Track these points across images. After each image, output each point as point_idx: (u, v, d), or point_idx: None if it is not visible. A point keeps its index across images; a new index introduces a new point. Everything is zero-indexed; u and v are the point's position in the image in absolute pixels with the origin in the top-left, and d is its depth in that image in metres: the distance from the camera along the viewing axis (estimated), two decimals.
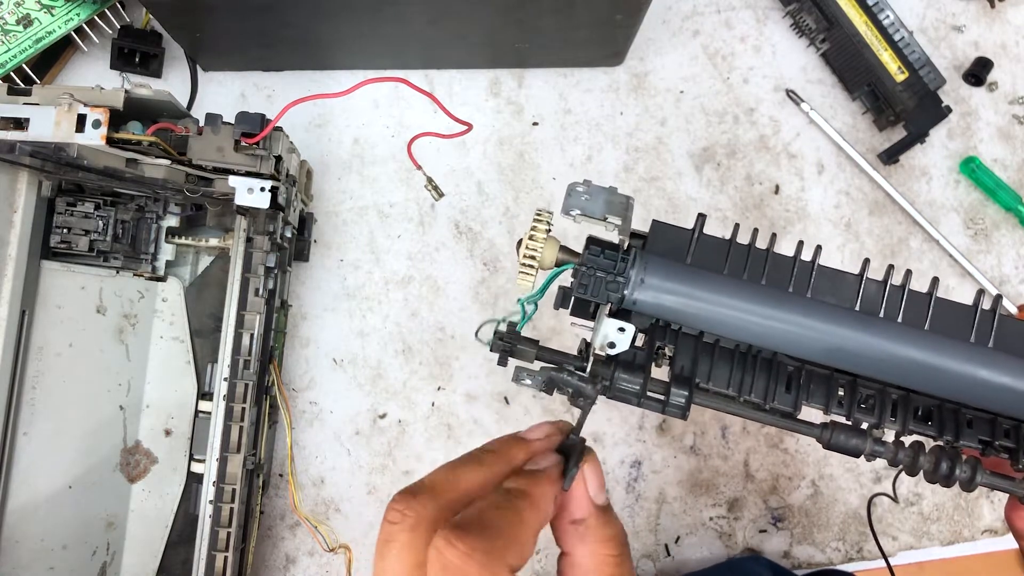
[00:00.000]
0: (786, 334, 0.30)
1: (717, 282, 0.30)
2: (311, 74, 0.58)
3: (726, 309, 0.30)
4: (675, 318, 0.30)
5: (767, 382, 0.30)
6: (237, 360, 0.48)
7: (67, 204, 0.50)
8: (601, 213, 0.31)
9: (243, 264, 0.49)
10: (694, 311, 0.30)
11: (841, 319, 0.30)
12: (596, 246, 0.31)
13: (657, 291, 0.30)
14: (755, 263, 0.31)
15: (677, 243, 0.32)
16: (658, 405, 0.30)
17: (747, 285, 0.30)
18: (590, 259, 0.31)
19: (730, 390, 0.30)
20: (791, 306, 0.30)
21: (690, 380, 0.30)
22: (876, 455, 0.30)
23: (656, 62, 0.60)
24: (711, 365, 0.31)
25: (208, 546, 0.47)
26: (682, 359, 0.31)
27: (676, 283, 0.30)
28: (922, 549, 0.58)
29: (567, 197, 0.31)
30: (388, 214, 0.58)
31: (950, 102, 0.59)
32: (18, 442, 0.48)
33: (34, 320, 0.49)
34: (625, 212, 0.31)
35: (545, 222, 0.32)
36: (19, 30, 0.52)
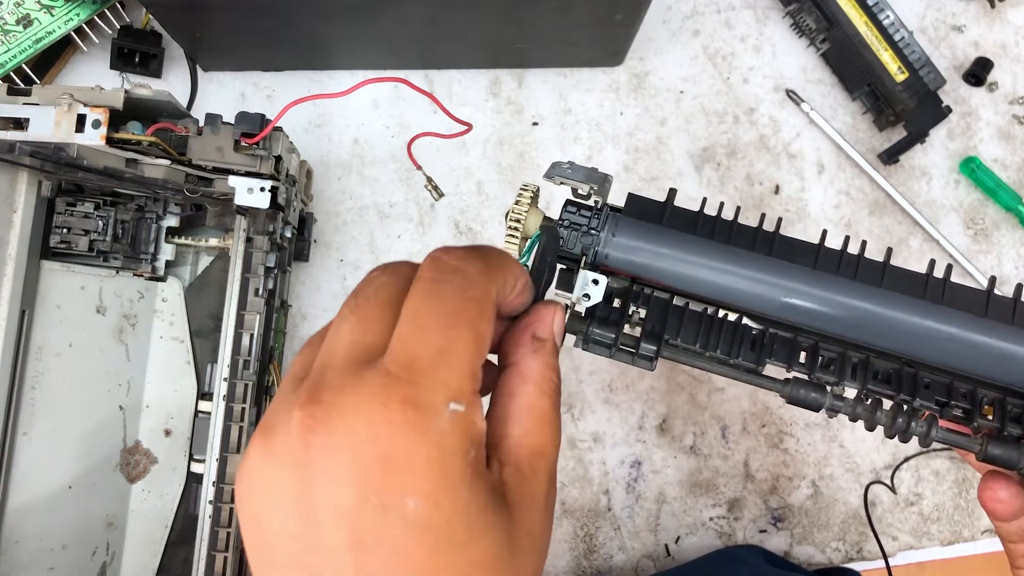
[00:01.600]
0: (744, 287, 0.33)
1: (682, 240, 0.33)
2: (311, 74, 0.58)
3: (688, 263, 0.33)
4: (642, 272, 0.33)
5: (732, 341, 0.33)
6: (237, 360, 0.48)
7: (67, 204, 0.50)
8: (581, 179, 0.34)
9: (243, 264, 0.49)
10: (658, 264, 0.33)
11: (796, 274, 0.33)
12: (572, 205, 0.34)
13: (627, 246, 0.33)
14: (722, 230, 0.34)
15: (648, 211, 0.34)
16: (629, 356, 0.32)
17: (710, 244, 0.33)
18: (567, 215, 0.34)
19: (696, 346, 0.32)
20: (749, 262, 0.33)
21: (659, 335, 0.32)
22: (836, 410, 0.31)
23: (656, 62, 0.60)
24: (680, 325, 0.33)
25: (208, 546, 0.47)
26: (653, 318, 0.33)
27: (643, 240, 0.33)
28: (922, 549, 0.58)
29: (550, 168, 0.34)
30: (388, 214, 0.58)
31: (950, 102, 0.59)
32: (18, 442, 0.48)
33: (34, 320, 0.49)
34: (603, 183, 0.34)
35: (530, 192, 0.34)
36: (19, 30, 0.52)
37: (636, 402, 0.57)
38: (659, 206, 0.34)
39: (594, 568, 0.57)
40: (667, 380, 0.58)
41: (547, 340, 0.30)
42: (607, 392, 0.57)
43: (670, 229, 0.33)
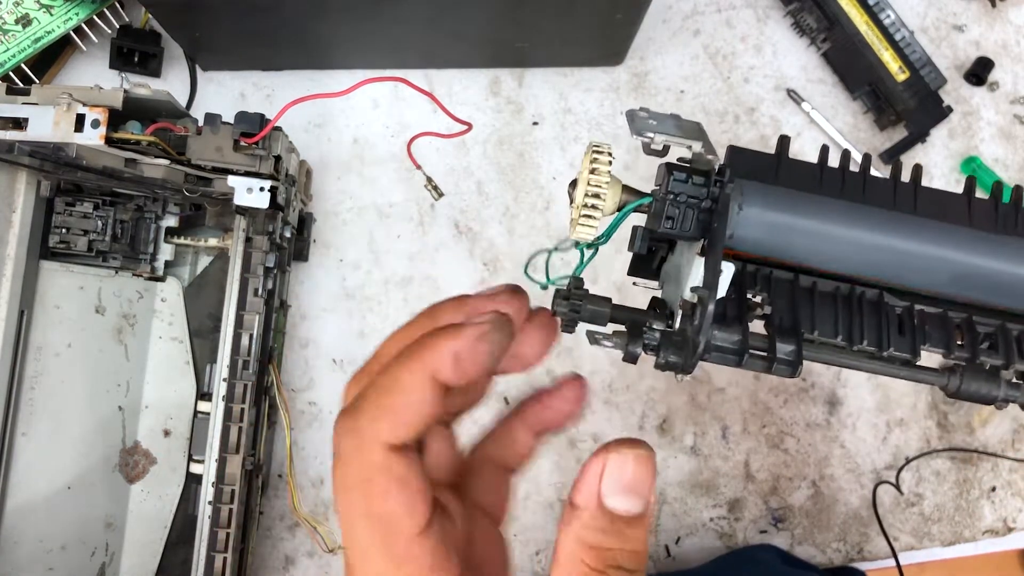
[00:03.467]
0: (907, 261, 0.26)
1: (826, 206, 0.26)
2: (310, 73, 0.58)
3: (841, 236, 0.26)
4: (778, 252, 0.26)
5: (879, 326, 0.26)
6: (236, 360, 0.48)
7: (66, 204, 0.50)
8: (678, 133, 0.26)
9: (242, 264, 0.48)
10: (802, 242, 0.26)
11: (966, 239, 0.27)
12: (680, 171, 0.26)
13: (758, 220, 0.25)
14: (852, 186, 0.28)
15: (757, 169, 0.27)
16: (763, 363, 0.25)
17: (857, 208, 0.26)
18: (676, 185, 0.25)
19: (839, 339, 0.26)
20: (911, 228, 0.26)
21: (795, 330, 0.26)
22: (1011, 400, 0.26)
23: (656, 61, 0.60)
24: (813, 312, 0.26)
25: (207, 547, 0.47)
26: (780, 308, 0.26)
27: (780, 210, 0.25)
28: (923, 550, 0.58)
29: (632, 122, 0.27)
30: (388, 214, 0.57)
31: (951, 102, 0.59)
32: (17, 442, 0.48)
33: (33, 320, 0.48)
34: (703, 134, 0.27)
35: (607, 154, 0.27)
36: (18, 30, 0.52)
37: (636, 402, 0.57)
38: (770, 161, 0.28)
39: None
40: (667, 379, 0.58)
41: (585, 510, 0.23)
42: (607, 392, 0.57)
43: (802, 193, 0.27)
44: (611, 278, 0.57)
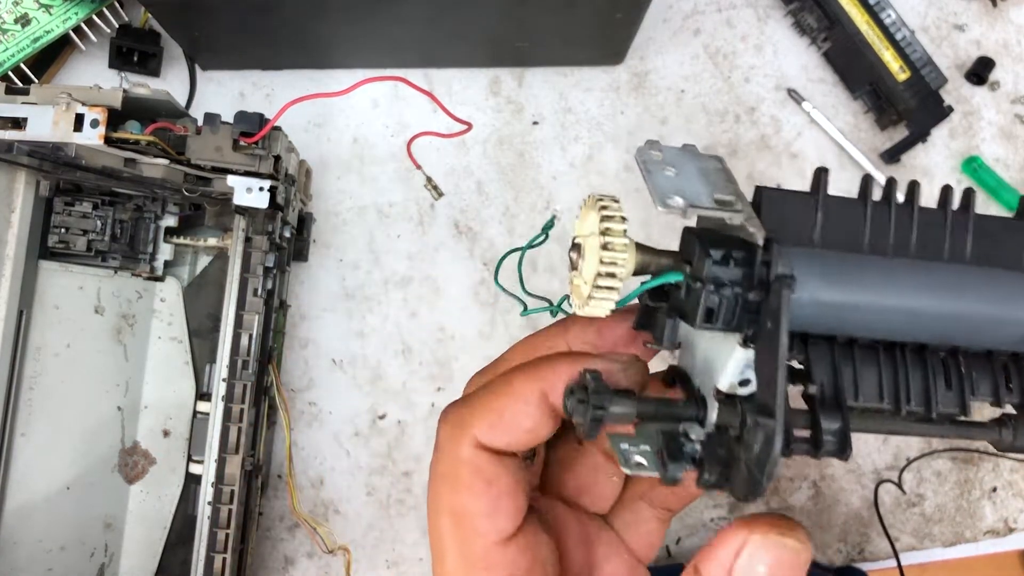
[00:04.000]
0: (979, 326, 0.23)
1: (884, 273, 0.23)
2: (310, 73, 0.58)
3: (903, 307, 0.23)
4: (826, 329, 0.23)
5: (925, 378, 0.23)
6: (236, 361, 0.48)
7: (65, 204, 0.50)
8: (709, 198, 0.22)
9: (242, 264, 0.48)
10: (856, 318, 0.23)
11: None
12: (716, 248, 0.22)
13: (809, 302, 0.22)
14: (899, 227, 0.24)
15: (794, 216, 0.24)
16: (808, 447, 0.22)
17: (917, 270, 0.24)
18: (716, 271, 0.21)
19: (885, 402, 0.23)
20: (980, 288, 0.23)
21: (839, 402, 0.22)
22: None
23: (657, 61, 0.60)
24: (855, 372, 0.23)
25: (207, 547, 0.47)
26: (820, 372, 0.23)
27: (835, 287, 0.22)
28: (924, 550, 0.58)
29: (650, 175, 0.23)
30: (388, 214, 0.57)
31: (952, 101, 0.59)
32: (15, 443, 0.48)
33: (32, 320, 0.48)
34: (734, 187, 0.23)
35: (619, 216, 0.23)
36: (17, 29, 0.52)
37: None
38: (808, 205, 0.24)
39: None
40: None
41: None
42: None
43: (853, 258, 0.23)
44: None
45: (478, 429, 0.24)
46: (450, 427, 0.24)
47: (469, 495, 0.23)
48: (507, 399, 0.23)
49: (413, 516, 0.55)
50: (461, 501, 0.23)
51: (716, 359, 0.23)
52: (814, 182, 0.25)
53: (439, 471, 0.24)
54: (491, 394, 0.24)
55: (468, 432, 0.24)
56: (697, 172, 0.23)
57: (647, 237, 0.58)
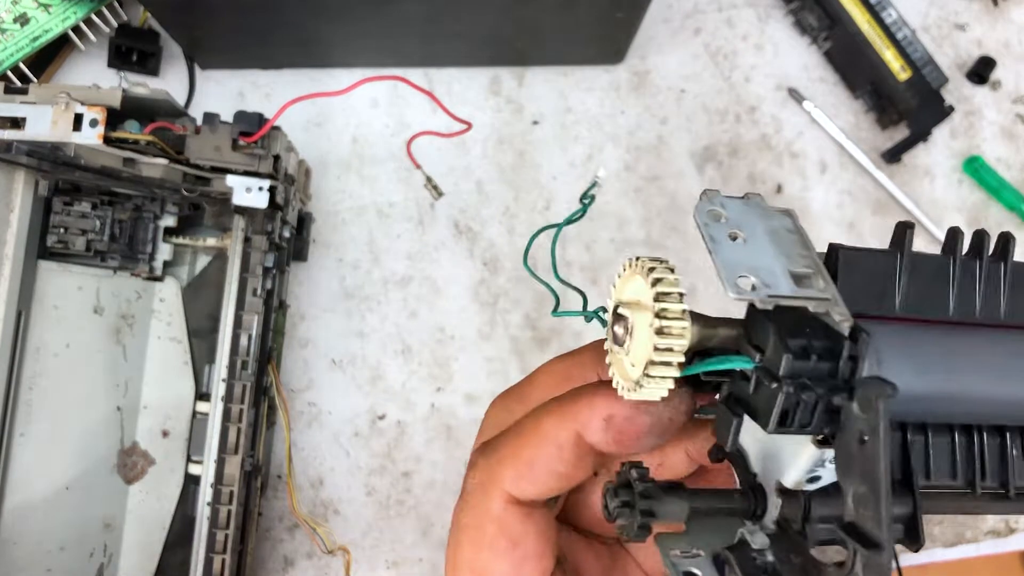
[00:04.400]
0: None
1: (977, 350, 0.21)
2: (310, 72, 0.58)
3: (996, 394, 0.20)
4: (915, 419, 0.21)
5: (1002, 452, 0.21)
6: (235, 361, 0.48)
7: (64, 204, 0.50)
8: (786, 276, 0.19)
9: (241, 264, 0.48)
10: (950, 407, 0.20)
11: None
12: (794, 337, 0.19)
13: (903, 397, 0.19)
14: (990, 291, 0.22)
15: (872, 279, 0.21)
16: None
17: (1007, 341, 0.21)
18: (795, 367, 0.19)
19: (958, 480, 0.21)
20: None
21: (910, 483, 0.20)
22: None
23: (657, 60, 0.60)
24: (926, 447, 0.21)
25: (206, 548, 0.47)
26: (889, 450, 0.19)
27: (930, 374, 0.20)
28: (924, 551, 0.58)
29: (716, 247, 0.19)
30: (387, 213, 0.57)
31: (953, 101, 0.59)
32: (14, 443, 0.48)
33: (31, 321, 0.48)
34: (812, 255, 0.20)
35: (676, 294, 0.19)
36: (16, 28, 0.52)
37: None
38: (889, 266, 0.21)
39: None
40: None
41: None
42: None
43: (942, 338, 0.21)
44: (612, 279, 0.57)
45: (508, 480, 0.22)
46: (479, 474, 0.23)
47: (491, 554, 0.22)
48: (537, 446, 0.22)
49: (413, 517, 0.55)
50: (482, 560, 0.22)
51: (781, 451, 0.20)
52: (896, 237, 0.22)
53: (463, 522, 0.23)
54: (520, 439, 0.22)
55: (498, 485, 0.22)
56: (767, 235, 0.20)
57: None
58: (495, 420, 0.25)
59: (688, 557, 0.21)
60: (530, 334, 0.56)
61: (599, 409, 0.21)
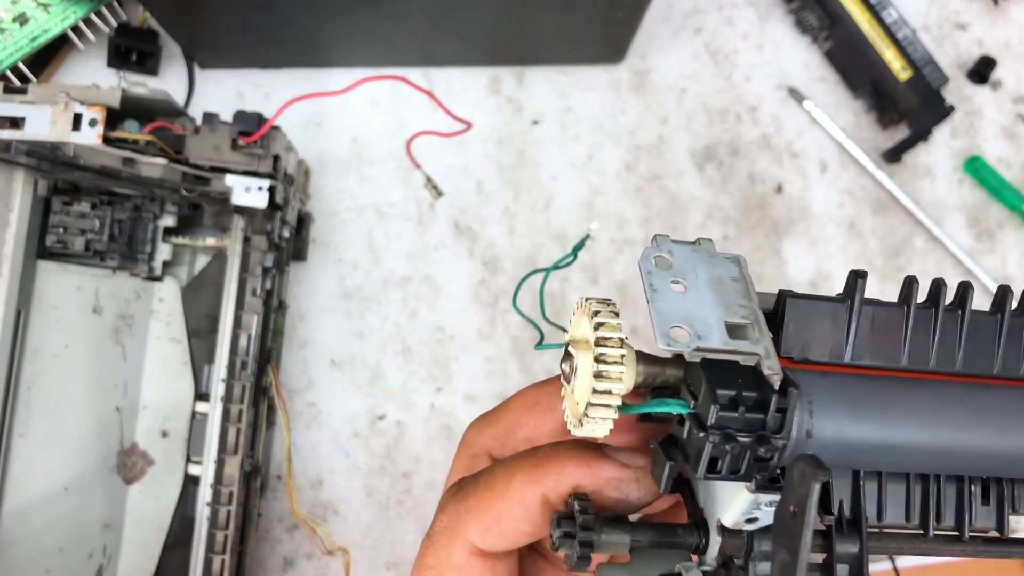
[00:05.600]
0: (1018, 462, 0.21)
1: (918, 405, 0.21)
2: (309, 72, 0.58)
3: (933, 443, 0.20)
4: (854, 466, 0.21)
5: (960, 495, 0.21)
6: (234, 361, 0.47)
7: (63, 203, 0.50)
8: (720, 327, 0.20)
9: (240, 264, 0.48)
10: (888, 458, 0.20)
11: None
12: (724, 387, 0.19)
13: (832, 442, 0.20)
14: (945, 340, 0.22)
15: (822, 326, 0.21)
16: (819, 573, 0.20)
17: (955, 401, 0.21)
18: (722, 419, 0.19)
19: (912, 522, 0.21)
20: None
21: (858, 523, 0.20)
22: None
23: (657, 60, 0.60)
24: (880, 488, 0.21)
25: (205, 548, 0.46)
26: (840, 490, 0.21)
27: (864, 422, 0.20)
28: None
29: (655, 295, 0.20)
30: (387, 213, 0.57)
31: (953, 100, 0.59)
32: (14, 443, 0.48)
33: (30, 320, 0.48)
34: (752, 305, 0.20)
35: (616, 339, 0.20)
36: (15, 28, 0.52)
37: None
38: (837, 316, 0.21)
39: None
40: None
41: None
42: None
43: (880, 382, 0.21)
44: (612, 278, 0.57)
45: (473, 532, 0.22)
46: (446, 520, 0.23)
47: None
48: (505, 503, 0.22)
49: (412, 517, 0.55)
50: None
51: (721, 491, 0.21)
52: (848, 287, 0.22)
53: (427, 562, 0.23)
54: (490, 492, 0.22)
55: (462, 534, 0.22)
56: (709, 284, 0.21)
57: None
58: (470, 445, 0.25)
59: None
60: (530, 334, 0.56)
61: (567, 478, 0.21)
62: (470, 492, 0.23)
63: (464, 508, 0.23)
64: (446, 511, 0.23)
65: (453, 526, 0.23)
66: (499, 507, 0.22)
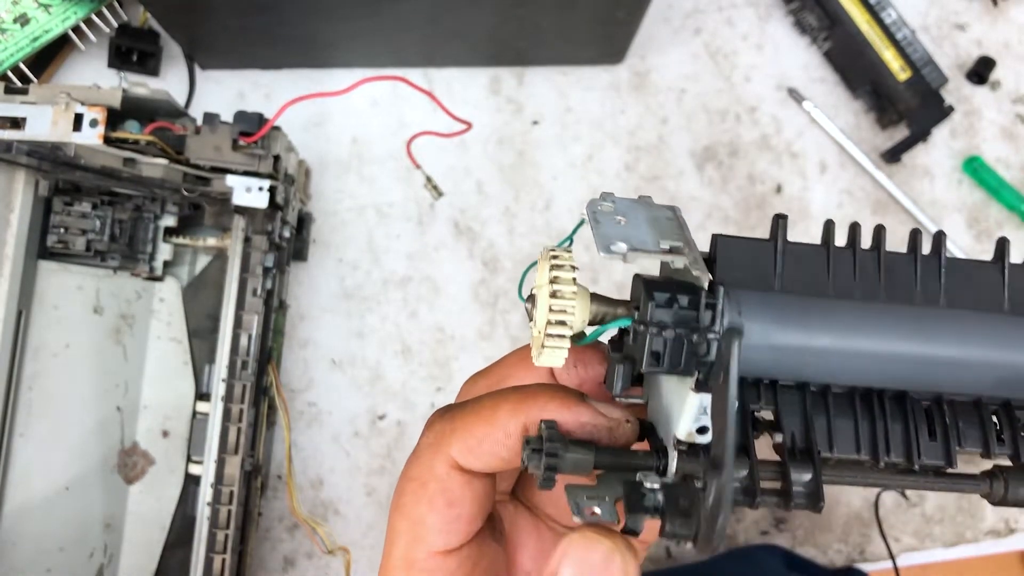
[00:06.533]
0: (943, 370, 0.23)
1: (842, 314, 0.22)
2: (309, 72, 0.58)
3: (862, 350, 0.22)
4: (785, 375, 0.23)
5: (906, 430, 0.22)
6: (235, 361, 0.48)
7: (64, 204, 0.50)
8: (655, 242, 0.22)
9: (241, 264, 0.48)
10: (815, 363, 0.22)
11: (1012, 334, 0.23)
12: (661, 291, 0.21)
13: (762, 344, 0.22)
14: (865, 273, 0.24)
15: (753, 262, 0.23)
16: (778, 499, 0.21)
17: (879, 312, 0.23)
18: (658, 313, 0.21)
19: (862, 454, 0.22)
20: (944, 330, 0.23)
21: (810, 451, 0.22)
22: None
23: (657, 60, 0.60)
24: (829, 423, 0.22)
25: (206, 548, 0.47)
26: (790, 422, 0.22)
27: (788, 328, 0.22)
28: (925, 551, 0.58)
29: (597, 225, 0.22)
30: (387, 213, 0.57)
31: (953, 101, 0.59)
32: (14, 443, 0.48)
33: (31, 320, 0.48)
34: (683, 233, 0.23)
35: (568, 266, 0.23)
36: (16, 28, 0.52)
37: None
38: (766, 251, 0.23)
39: None
40: None
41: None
42: None
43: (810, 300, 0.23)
44: (612, 279, 0.57)
45: (456, 449, 0.24)
46: (432, 437, 0.25)
47: (428, 508, 0.24)
48: (488, 427, 0.24)
49: None
50: (419, 512, 0.24)
51: (673, 406, 0.23)
52: (772, 229, 0.24)
53: (411, 473, 0.25)
54: (476, 416, 0.24)
55: (445, 449, 0.24)
56: (647, 221, 0.23)
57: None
58: (463, 395, 0.27)
59: (592, 500, 0.23)
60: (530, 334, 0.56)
61: (547, 414, 0.23)
62: (457, 415, 0.25)
63: (450, 428, 0.25)
64: (433, 429, 0.25)
65: (438, 442, 0.25)
66: (483, 431, 0.24)
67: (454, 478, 0.24)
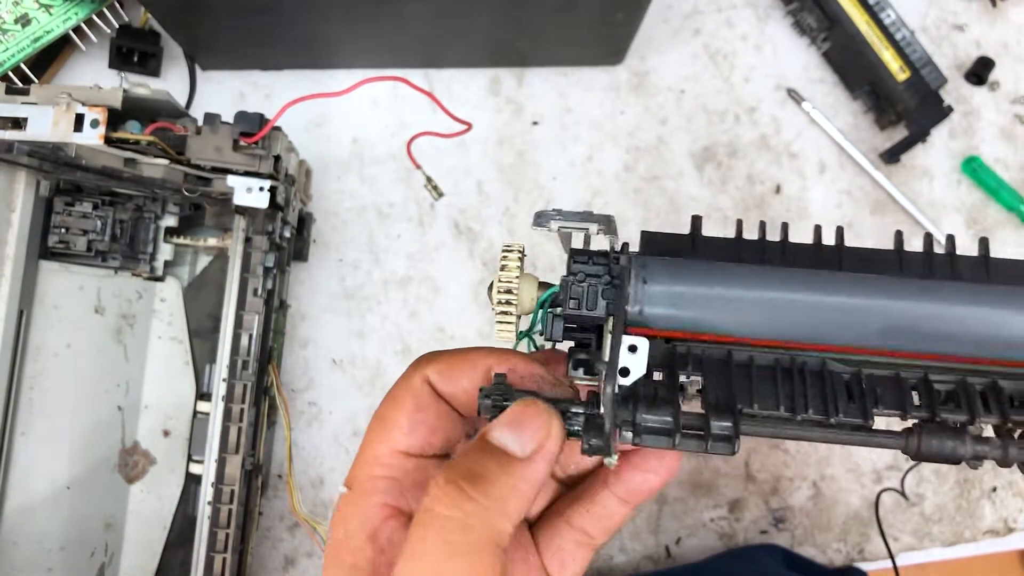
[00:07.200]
0: (831, 319, 0.26)
1: (736, 271, 0.27)
2: (310, 73, 0.58)
3: (753, 299, 0.26)
4: (691, 327, 0.26)
5: (823, 393, 0.25)
6: (236, 361, 0.48)
7: (65, 204, 0.50)
8: (579, 219, 0.27)
9: (241, 264, 0.48)
10: (718, 311, 0.26)
11: (893, 286, 0.26)
12: (581, 253, 0.27)
13: (667, 294, 0.26)
14: (771, 255, 0.28)
15: (670, 247, 0.28)
16: (699, 442, 0.24)
17: (772, 270, 0.27)
18: (576, 267, 0.27)
19: (782, 410, 0.25)
20: (829, 282, 0.26)
21: (731, 406, 0.25)
22: (981, 456, 0.25)
23: (657, 61, 0.60)
24: (751, 387, 0.25)
25: (207, 547, 0.47)
26: (715, 385, 0.26)
27: (688, 282, 0.26)
28: (924, 550, 0.58)
29: (536, 217, 0.27)
30: (387, 214, 0.57)
31: (952, 101, 0.59)
32: (16, 443, 0.48)
33: (32, 320, 0.48)
34: (608, 223, 0.27)
35: (516, 252, 0.28)
36: (17, 29, 0.52)
37: None
38: (685, 240, 0.28)
39: (593, 569, 0.57)
40: None
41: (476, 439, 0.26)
42: None
43: (713, 262, 0.27)
44: None
45: (432, 371, 0.29)
46: (413, 365, 0.30)
47: (395, 407, 0.29)
48: (464, 364, 0.29)
49: None
50: (391, 412, 0.29)
51: (603, 354, 0.27)
52: (692, 225, 0.29)
53: (390, 393, 0.29)
54: (454, 355, 0.29)
55: (423, 370, 0.29)
56: (580, 217, 0.27)
57: None
58: None
59: None
60: None
61: (511, 362, 0.28)
62: (440, 353, 0.30)
63: (431, 359, 0.30)
64: (417, 362, 0.30)
65: (418, 365, 0.29)
66: (458, 363, 0.29)
67: (426, 390, 0.29)
